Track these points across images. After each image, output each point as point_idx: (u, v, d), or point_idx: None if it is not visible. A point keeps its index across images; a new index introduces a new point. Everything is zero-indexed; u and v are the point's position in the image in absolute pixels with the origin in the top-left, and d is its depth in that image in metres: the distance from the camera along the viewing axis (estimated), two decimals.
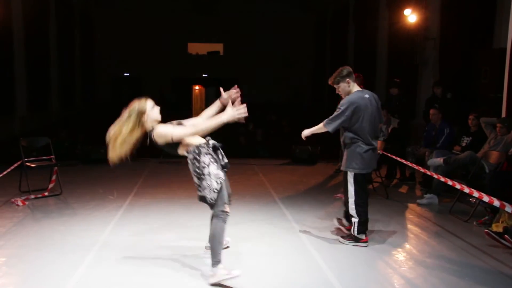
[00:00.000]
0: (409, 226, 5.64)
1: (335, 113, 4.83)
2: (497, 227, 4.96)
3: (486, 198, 4.53)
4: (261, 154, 12.43)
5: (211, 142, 4.10)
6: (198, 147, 3.96)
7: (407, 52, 11.93)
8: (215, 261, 3.86)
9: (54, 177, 7.04)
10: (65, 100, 18.32)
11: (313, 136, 5.26)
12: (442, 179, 5.73)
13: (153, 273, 4.06)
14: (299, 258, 4.49)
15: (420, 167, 6.43)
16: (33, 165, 6.89)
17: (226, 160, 4.16)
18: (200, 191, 3.97)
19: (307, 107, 22.40)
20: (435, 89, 8.56)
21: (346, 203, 5.01)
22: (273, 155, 11.54)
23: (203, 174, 3.90)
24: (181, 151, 4.03)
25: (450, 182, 5.42)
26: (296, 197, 7.10)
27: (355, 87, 4.95)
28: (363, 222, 4.83)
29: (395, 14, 12.64)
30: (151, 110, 4.11)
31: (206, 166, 3.91)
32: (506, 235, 4.62)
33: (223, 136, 5.27)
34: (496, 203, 4.29)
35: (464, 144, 7.07)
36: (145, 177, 8.49)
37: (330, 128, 4.85)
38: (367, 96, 4.86)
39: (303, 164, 9.89)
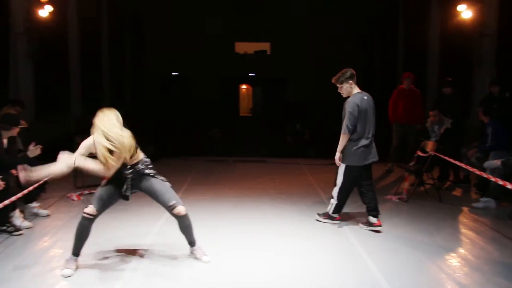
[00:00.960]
0: (464, 231, 5.44)
1: (348, 118, 5.27)
2: None
3: None
4: (309, 153, 12.36)
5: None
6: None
7: (461, 49, 11.51)
8: (73, 251, 4.12)
9: None
10: (116, 100, 18.85)
11: None
12: (500, 182, 5.48)
13: (200, 268, 4.10)
14: (347, 258, 4.42)
15: (475, 169, 6.19)
16: None
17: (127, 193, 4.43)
18: None
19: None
20: (492, 88, 8.21)
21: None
22: (321, 154, 11.44)
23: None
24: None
25: (509, 186, 5.19)
26: None
27: (356, 89, 5.42)
28: (340, 205, 5.46)
29: (448, 10, 12.21)
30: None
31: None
32: None
33: (271, 136, 5.26)
34: None
35: None
36: (194, 176, 8.60)
37: (350, 133, 5.29)
38: (365, 97, 5.37)
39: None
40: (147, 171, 4.34)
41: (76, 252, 4.12)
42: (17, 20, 10.04)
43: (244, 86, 30.07)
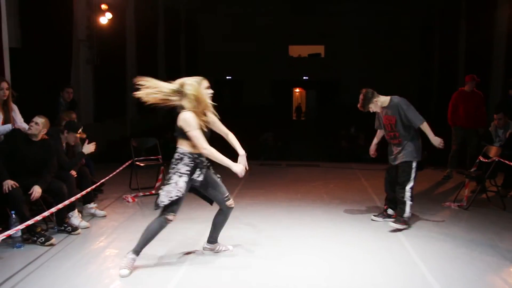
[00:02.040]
0: None
1: (413, 110, 5.48)
2: None
3: None
4: (363, 158, 12.08)
5: (201, 159, 4.26)
6: (188, 154, 4.16)
7: None
8: (135, 249, 4.09)
9: (160, 176, 7.37)
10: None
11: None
12: None
13: (251, 272, 4.06)
14: (403, 266, 4.25)
15: None
16: (142, 164, 7.29)
17: (199, 178, 4.28)
18: (161, 189, 4.14)
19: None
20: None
21: (393, 191, 5.62)
22: (376, 159, 11.13)
23: (172, 180, 4.09)
24: (181, 144, 4.21)
25: None
26: None
27: (382, 96, 5.60)
28: (412, 205, 5.47)
29: None
30: (205, 89, 4.33)
31: (178, 176, 4.09)
32: None
33: (324, 140, 5.17)
34: None
35: None
36: (246, 179, 8.56)
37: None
38: None
39: None
40: (209, 163, 4.39)
41: (139, 250, 4.14)
42: (80, 27, 10.48)
43: (297, 90, 29.93)
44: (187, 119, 4.10)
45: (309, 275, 4.04)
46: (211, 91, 4.38)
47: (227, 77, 26.22)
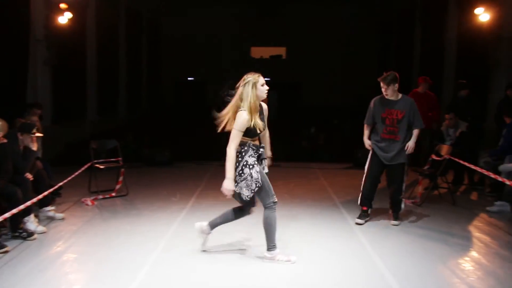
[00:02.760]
0: (477, 235, 5.37)
1: (419, 114, 5.59)
2: None
3: None
4: (323, 158, 12.32)
5: (261, 150, 4.37)
6: (252, 145, 4.25)
7: (478, 52, 11.38)
8: (271, 246, 4.30)
9: (121, 179, 7.32)
10: (132, 105, 19.04)
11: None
12: None
13: (213, 273, 4.12)
14: (360, 263, 4.40)
15: (490, 173, 6.12)
16: (101, 167, 7.22)
17: (267, 170, 4.42)
18: (235, 186, 4.26)
19: None
20: (508, 91, 8.11)
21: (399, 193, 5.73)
22: (335, 159, 11.39)
23: (244, 173, 4.20)
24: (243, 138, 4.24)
25: None
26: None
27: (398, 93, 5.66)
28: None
29: (466, 13, 12.09)
30: (261, 86, 4.37)
31: (249, 168, 4.19)
32: None
33: (285, 140, 5.27)
34: None
35: None
36: (208, 180, 8.64)
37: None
38: None
39: None
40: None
41: (275, 244, 4.32)
42: (37, 26, 10.24)
43: None
44: (238, 118, 4.21)
45: (272, 274, 4.12)
46: (267, 88, 4.47)
47: (189, 78, 26.10)
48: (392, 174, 5.68)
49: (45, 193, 5.51)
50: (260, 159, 4.35)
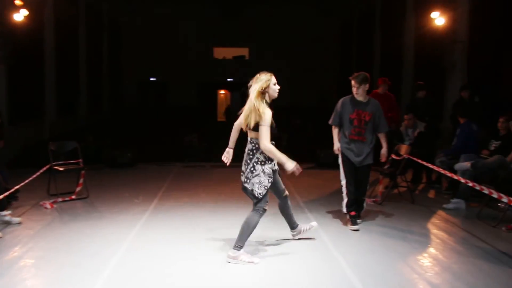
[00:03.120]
0: (435, 231, 5.55)
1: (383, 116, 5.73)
2: None
3: None
4: None
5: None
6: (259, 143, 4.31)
7: (435, 55, 11.75)
8: (239, 245, 4.35)
9: (81, 181, 7.17)
10: (93, 105, 18.69)
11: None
12: (470, 183, 5.62)
13: (176, 275, 4.09)
14: (323, 262, 4.46)
15: (446, 172, 6.32)
16: (61, 169, 7.05)
17: (277, 168, 4.54)
18: (247, 183, 4.38)
19: (331, 111, 22.25)
20: (462, 93, 8.41)
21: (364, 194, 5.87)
22: (298, 159, 11.46)
23: (256, 170, 4.33)
24: (256, 135, 4.36)
25: (478, 187, 5.32)
26: (320, 201, 7.06)
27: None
28: None
29: (422, 17, 12.48)
30: (273, 85, 4.44)
31: (261, 164, 4.33)
32: None
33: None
34: None
35: (492, 148, 6.91)
36: (170, 181, 8.57)
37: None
38: None
39: (328, 169, 9.81)
40: None
41: (243, 245, 4.40)
42: None
43: (222, 92, 30.05)
44: (265, 114, 4.25)
45: (234, 275, 4.13)
46: (278, 87, 4.53)
47: (152, 79, 25.83)
48: (361, 175, 5.69)
49: (0, 196, 5.34)
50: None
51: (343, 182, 5.86)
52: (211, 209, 6.50)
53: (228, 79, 26.85)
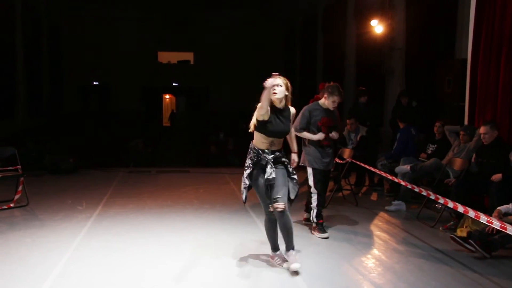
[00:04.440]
0: (378, 233, 5.75)
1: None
2: (462, 232, 5.10)
3: (451, 204, 4.67)
4: (232, 162, 12.45)
5: (268, 156, 4.35)
6: (253, 148, 4.43)
7: (375, 61, 12.17)
8: (290, 247, 4.37)
9: (20, 188, 6.87)
10: (32, 109, 17.94)
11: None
12: (409, 186, 5.87)
13: (122, 285, 4.02)
14: (267, 263, 4.52)
15: (387, 175, 6.57)
16: None
17: (270, 177, 4.31)
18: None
19: None
20: (401, 99, 8.77)
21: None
22: (244, 163, 11.53)
23: (244, 172, 4.43)
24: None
25: (416, 189, 5.56)
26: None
27: None
28: None
29: (362, 24, 12.90)
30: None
31: (245, 168, 4.42)
32: (469, 240, 4.76)
33: (194, 145, 5.26)
34: (460, 208, 4.42)
35: (429, 152, 7.25)
36: (115, 187, 8.39)
37: None
38: None
39: None
40: (283, 158, 4.47)
41: (275, 247, 4.50)
42: None
43: (167, 96, 29.75)
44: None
45: (183, 281, 4.11)
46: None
47: (94, 83, 25.16)
48: (325, 179, 5.82)
49: None
50: (265, 163, 4.33)
51: (316, 194, 5.63)
52: (157, 215, 6.41)
53: (173, 84, 26.61)
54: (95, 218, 6.20)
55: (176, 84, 26.60)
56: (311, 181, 5.65)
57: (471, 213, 4.24)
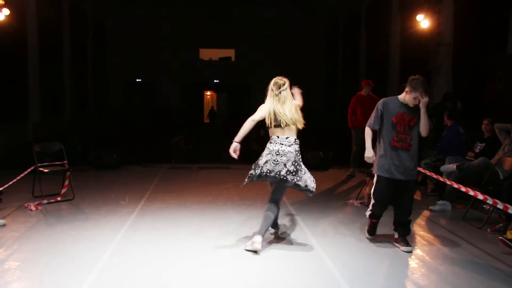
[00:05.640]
0: (422, 233, 5.58)
1: None
2: None
3: (500, 205, 4.48)
4: None
5: (279, 148, 4.79)
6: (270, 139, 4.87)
7: (420, 58, 11.87)
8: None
9: (66, 182, 7.09)
10: (78, 106, 18.50)
11: (324, 141, 5.47)
12: (455, 185, 5.67)
13: (164, 278, 4.06)
14: (310, 263, 4.46)
15: (433, 173, 6.37)
16: (46, 170, 6.95)
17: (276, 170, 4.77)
18: (299, 181, 4.80)
19: (319, 113, 22.36)
20: (447, 103, 8.49)
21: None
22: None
23: (302, 167, 4.81)
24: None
25: (463, 189, 5.37)
26: (307, 203, 7.06)
27: None
28: None
29: (408, 20, 12.59)
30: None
31: (261, 156, 4.83)
32: None
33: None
34: (511, 210, 4.23)
35: (477, 150, 7.00)
36: (157, 183, 8.52)
37: None
38: None
39: (315, 170, 9.75)
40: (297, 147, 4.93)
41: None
42: None
43: (208, 93, 30.00)
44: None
45: (225, 276, 4.11)
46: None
47: (137, 80, 25.66)
48: (401, 190, 4.92)
49: None
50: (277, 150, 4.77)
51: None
52: (197, 211, 6.46)
53: (215, 80, 26.80)
54: (137, 213, 6.31)
55: (218, 81, 26.78)
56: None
57: None
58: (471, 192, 5.18)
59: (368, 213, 5.17)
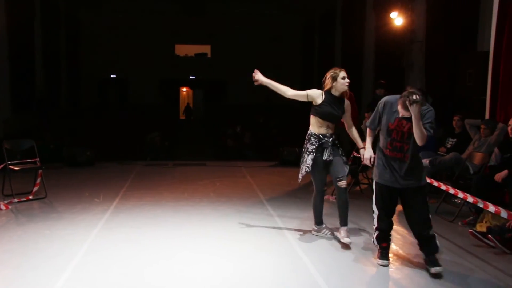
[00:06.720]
0: (396, 227, 5.65)
1: None
2: (481, 227, 5.02)
3: (470, 199, 4.58)
4: (249, 156, 12.44)
5: (329, 140, 4.92)
6: (312, 134, 4.95)
7: (394, 54, 12.01)
8: (345, 223, 5.03)
9: (38, 180, 6.96)
10: (50, 103, 18.12)
11: (300, 137, 5.54)
12: (428, 180, 5.77)
13: (140, 277, 4.03)
14: (286, 259, 4.49)
15: None
16: (16, 168, 6.82)
17: (330, 158, 4.93)
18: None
19: (295, 109, 22.46)
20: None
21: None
22: (261, 157, 11.54)
23: (302, 157, 4.98)
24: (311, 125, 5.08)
25: (435, 183, 5.47)
26: (283, 199, 7.10)
27: None
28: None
29: (382, 17, 12.72)
30: (341, 79, 4.98)
31: (308, 152, 4.91)
32: (489, 235, 4.67)
33: (211, 139, 5.25)
34: (480, 203, 4.33)
35: (449, 146, 7.13)
36: (132, 180, 8.44)
37: None
38: None
39: (291, 166, 9.91)
40: (337, 141, 5.03)
41: (321, 221, 5.19)
42: None
43: (184, 89, 29.83)
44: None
45: (201, 273, 4.09)
46: (347, 81, 5.06)
47: (112, 76, 25.33)
48: (411, 200, 4.45)
49: None
50: (322, 147, 4.87)
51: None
52: (174, 208, 6.43)
53: (190, 77, 26.65)
54: (112, 210, 6.24)
55: (193, 77, 26.63)
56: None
57: (491, 208, 4.16)
58: (443, 187, 5.29)
59: (375, 234, 4.53)
